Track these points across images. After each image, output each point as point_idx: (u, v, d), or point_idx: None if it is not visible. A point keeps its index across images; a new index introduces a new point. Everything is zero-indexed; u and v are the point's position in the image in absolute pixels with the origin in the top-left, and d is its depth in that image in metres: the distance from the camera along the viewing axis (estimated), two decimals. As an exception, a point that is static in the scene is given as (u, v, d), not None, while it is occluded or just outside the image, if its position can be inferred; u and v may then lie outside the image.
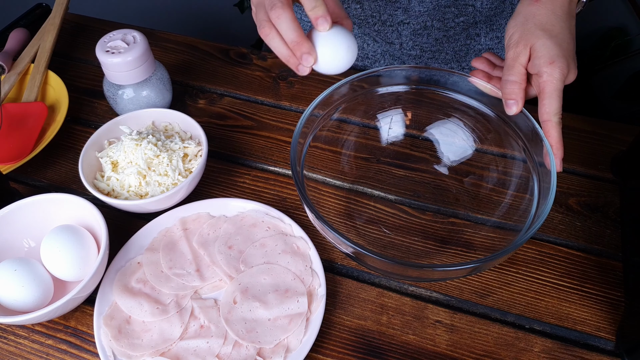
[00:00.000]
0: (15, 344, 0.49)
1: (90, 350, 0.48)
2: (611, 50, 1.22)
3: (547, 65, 0.45)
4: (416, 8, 0.68)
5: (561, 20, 0.47)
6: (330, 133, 0.57)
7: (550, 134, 0.46)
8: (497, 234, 0.52)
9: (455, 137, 0.58)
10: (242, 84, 0.73)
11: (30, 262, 0.48)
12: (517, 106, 0.47)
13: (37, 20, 0.81)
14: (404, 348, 0.48)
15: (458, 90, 0.55)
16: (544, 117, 0.46)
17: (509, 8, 0.72)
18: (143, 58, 0.61)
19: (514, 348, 0.47)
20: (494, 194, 0.55)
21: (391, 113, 0.60)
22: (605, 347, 0.47)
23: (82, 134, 0.67)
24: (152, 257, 0.53)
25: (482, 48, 0.75)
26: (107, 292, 0.50)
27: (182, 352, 0.46)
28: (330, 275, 0.52)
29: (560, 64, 0.45)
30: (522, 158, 0.52)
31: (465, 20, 0.71)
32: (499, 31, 0.74)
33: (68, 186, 0.62)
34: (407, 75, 0.56)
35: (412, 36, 0.73)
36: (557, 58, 0.45)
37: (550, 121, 0.46)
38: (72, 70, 0.76)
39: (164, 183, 0.55)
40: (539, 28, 0.46)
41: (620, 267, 0.52)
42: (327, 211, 0.54)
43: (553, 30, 0.46)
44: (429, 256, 0.53)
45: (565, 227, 0.55)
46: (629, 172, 0.57)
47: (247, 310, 0.48)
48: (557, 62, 0.45)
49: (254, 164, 0.63)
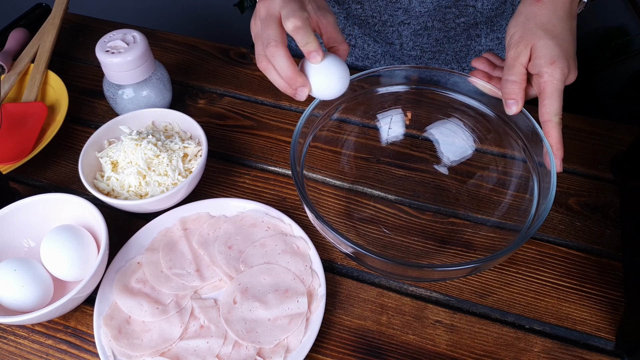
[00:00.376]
0: (15, 344, 0.49)
1: (90, 350, 0.48)
2: (611, 50, 1.22)
3: (547, 66, 0.45)
4: (417, 8, 0.68)
5: (562, 21, 0.47)
6: (330, 133, 0.57)
7: (550, 135, 0.46)
8: (497, 234, 0.52)
9: (455, 137, 0.58)
10: (242, 84, 0.73)
11: (30, 262, 0.48)
12: (517, 106, 0.47)
13: (37, 20, 0.81)
14: (404, 348, 0.48)
15: (458, 90, 0.55)
16: (545, 118, 0.46)
17: (510, 9, 0.72)
18: (143, 58, 0.61)
19: (514, 348, 0.47)
20: (494, 194, 0.55)
21: (391, 113, 0.60)
22: (605, 347, 0.47)
23: (82, 134, 0.67)
24: (152, 257, 0.53)
25: (482, 49, 0.75)
26: (107, 292, 0.50)
27: (182, 352, 0.46)
28: (330, 275, 0.52)
29: (561, 64, 0.45)
30: (522, 158, 0.52)
31: (466, 21, 0.71)
32: (500, 32, 0.74)
33: (68, 186, 0.62)
34: (407, 75, 0.56)
35: (412, 36, 0.73)
36: (557, 58, 0.45)
37: (550, 121, 0.46)
38: (72, 70, 0.76)
39: (164, 183, 0.55)
40: (540, 28, 0.46)
41: (620, 267, 0.52)
42: (327, 211, 0.54)
43: (554, 31, 0.46)
44: (429, 256, 0.53)
45: (565, 227, 0.55)
46: (629, 172, 0.57)
47: (247, 310, 0.48)
48: (558, 62, 0.45)
49: (254, 164, 0.63)
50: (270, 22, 0.46)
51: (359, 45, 0.78)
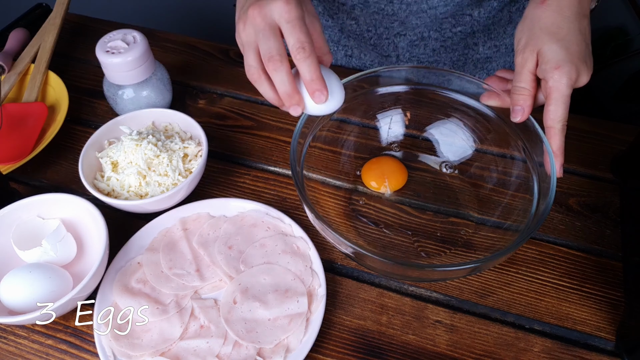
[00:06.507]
0: (15, 344, 0.49)
1: (90, 350, 0.48)
2: (611, 50, 1.22)
3: (553, 71, 0.44)
4: (413, 21, 0.67)
5: (569, 22, 0.45)
6: (330, 133, 0.57)
7: (552, 141, 0.45)
8: (497, 234, 0.52)
9: (455, 137, 0.58)
10: (242, 84, 0.73)
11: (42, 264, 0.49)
12: (523, 114, 0.46)
13: (37, 20, 0.81)
14: (404, 348, 0.48)
15: (458, 90, 0.55)
16: (548, 123, 0.45)
17: (507, 17, 0.71)
18: (143, 58, 0.61)
19: (514, 348, 0.47)
20: (494, 194, 0.55)
21: (391, 113, 0.60)
22: (605, 347, 0.47)
23: (82, 134, 0.67)
24: (152, 257, 0.53)
25: (480, 57, 0.75)
26: (107, 292, 0.50)
27: (182, 352, 0.46)
28: (330, 275, 0.52)
29: (567, 68, 0.43)
30: (522, 158, 0.52)
31: (463, 30, 0.70)
32: (497, 40, 0.73)
33: (68, 186, 0.62)
34: (407, 76, 0.56)
35: (409, 47, 0.72)
36: (563, 63, 0.44)
37: (553, 128, 0.44)
38: (72, 70, 0.76)
39: (164, 183, 0.55)
40: (545, 32, 0.45)
41: (620, 267, 0.52)
42: (327, 211, 0.54)
43: (559, 33, 0.45)
44: (429, 256, 0.53)
45: (565, 227, 0.55)
46: (629, 172, 0.57)
47: (247, 310, 0.48)
48: (564, 66, 0.43)
49: (254, 164, 0.63)
50: (269, 33, 0.42)
51: (356, 55, 0.77)
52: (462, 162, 0.58)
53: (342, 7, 0.69)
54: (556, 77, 0.44)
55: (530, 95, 0.46)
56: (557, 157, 0.45)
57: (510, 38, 0.73)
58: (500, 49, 0.74)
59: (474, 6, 0.67)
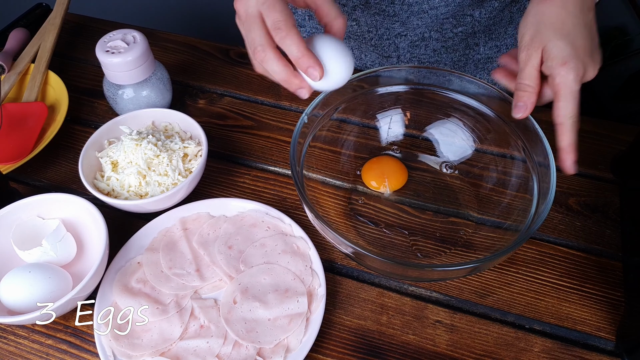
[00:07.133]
0: (15, 344, 0.49)
1: (90, 350, 0.48)
2: (611, 50, 1.22)
3: (559, 67, 0.43)
4: (414, 22, 0.67)
5: (573, 16, 0.44)
6: (330, 133, 0.57)
7: (564, 137, 0.44)
8: (497, 234, 0.52)
9: (455, 137, 0.58)
10: (242, 83, 0.73)
11: (42, 264, 0.49)
12: (526, 111, 0.45)
13: (37, 20, 0.81)
14: (404, 348, 0.48)
15: (458, 90, 0.55)
16: (558, 120, 0.44)
17: (508, 17, 0.71)
18: (143, 58, 0.61)
19: (514, 348, 0.47)
20: (494, 194, 0.55)
21: (391, 113, 0.60)
22: (605, 347, 0.47)
23: (82, 134, 0.67)
24: (152, 257, 0.53)
25: (481, 57, 0.74)
26: (107, 292, 0.50)
27: (182, 352, 0.46)
28: (330, 275, 0.52)
29: (574, 64, 0.43)
30: (522, 158, 0.52)
31: (464, 30, 0.69)
32: (498, 40, 0.73)
33: (68, 186, 0.62)
34: (407, 76, 0.56)
35: (409, 48, 0.72)
36: (569, 58, 0.43)
37: (564, 124, 0.44)
38: (72, 70, 0.76)
39: (164, 183, 0.55)
40: (549, 28, 0.44)
41: (620, 267, 0.52)
42: (326, 211, 0.54)
43: (564, 29, 0.44)
44: (428, 256, 0.53)
45: (565, 227, 0.55)
46: (629, 172, 0.57)
47: (247, 310, 0.48)
48: (570, 62, 0.43)
49: (254, 164, 0.63)
50: (251, 23, 0.42)
51: (356, 56, 0.77)
52: (462, 162, 0.58)
53: (343, 9, 0.69)
54: (563, 73, 0.43)
55: (534, 93, 0.46)
56: (569, 154, 0.44)
57: (512, 38, 0.73)
58: (502, 49, 0.74)
59: (475, 6, 0.67)
